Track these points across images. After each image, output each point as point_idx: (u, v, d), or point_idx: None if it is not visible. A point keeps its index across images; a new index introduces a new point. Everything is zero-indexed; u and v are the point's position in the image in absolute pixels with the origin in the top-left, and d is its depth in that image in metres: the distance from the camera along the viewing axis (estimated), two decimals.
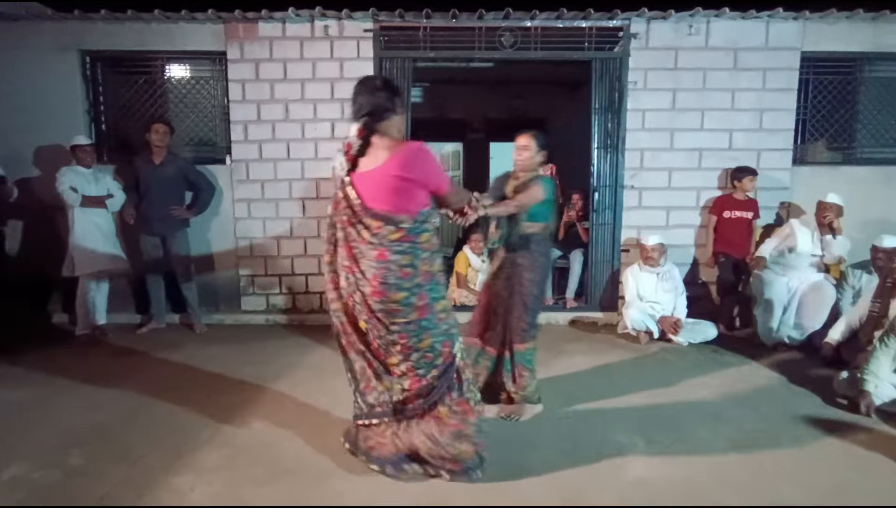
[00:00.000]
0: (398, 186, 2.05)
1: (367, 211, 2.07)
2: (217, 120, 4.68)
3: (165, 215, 4.25)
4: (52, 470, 2.34)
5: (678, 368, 3.64)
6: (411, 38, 4.46)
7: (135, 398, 3.08)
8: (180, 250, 4.35)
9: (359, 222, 2.08)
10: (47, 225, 4.51)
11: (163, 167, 4.25)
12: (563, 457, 2.44)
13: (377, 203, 2.06)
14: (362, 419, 2.30)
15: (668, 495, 2.18)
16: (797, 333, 4.02)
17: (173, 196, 4.30)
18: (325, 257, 2.24)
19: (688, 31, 4.46)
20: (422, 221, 2.11)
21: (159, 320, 4.42)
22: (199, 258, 4.62)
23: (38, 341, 4.08)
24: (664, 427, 2.74)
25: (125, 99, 4.66)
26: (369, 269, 2.09)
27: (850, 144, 4.73)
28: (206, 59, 4.61)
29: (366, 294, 2.11)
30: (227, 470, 2.35)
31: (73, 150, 4.11)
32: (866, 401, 2.86)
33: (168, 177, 4.26)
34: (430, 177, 2.11)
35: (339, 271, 2.19)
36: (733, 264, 4.43)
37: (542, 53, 4.48)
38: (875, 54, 4.55)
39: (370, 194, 2.07)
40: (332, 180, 2.21)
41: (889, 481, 2.30)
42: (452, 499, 2.14)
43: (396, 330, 2.13)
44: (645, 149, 4.59)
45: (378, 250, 2.07)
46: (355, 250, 2.12)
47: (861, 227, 4.39)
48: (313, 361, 3.72)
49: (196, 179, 4.42)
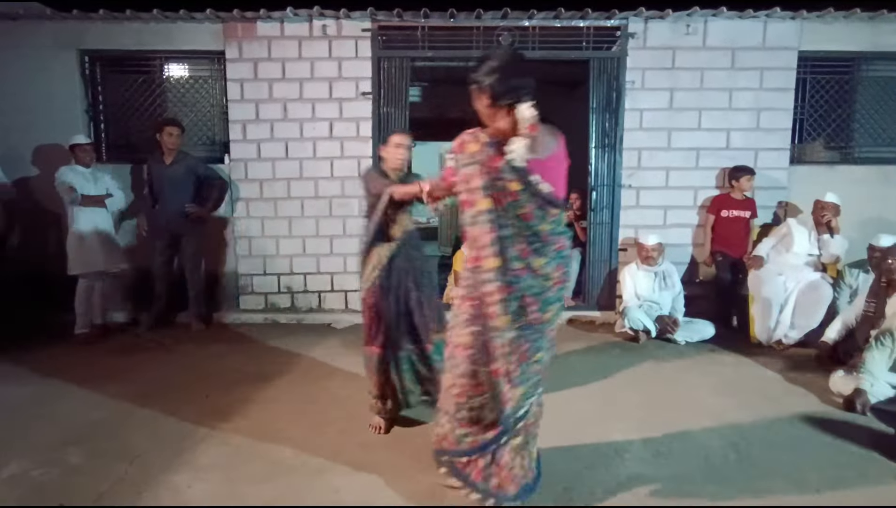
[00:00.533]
0: (564, 173, 1.91)
1: (555, 199, 1.85)
2: (216, 119, 4.69)
3: (179, 214, 4.28)
4: (50, 468, 2.36)
5: (675, 367, 3.65)
6: (409, 38, 4.47)
7: (133, 397, 3.09)
8: (194, 250, 4.37)
9: (544, 212, 1.83)
10: (47, 224, 4.53)
11: (174, 167, 4.28)
12: (559, 454, 2.45)
13: (559, 192, 1.88)
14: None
15: (663, 492, 2.19)
16: (794, 332, 4.03)
17: (186, 195, 4.32)
18: (493, 261, 1.82)
19: (685, 30, 4.47)
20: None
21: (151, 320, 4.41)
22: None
23: (38, 339, 4.09)
24: (660, 425, 2.75)
25: (124, 98, 4.67)
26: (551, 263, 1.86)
27: (848, 144, 4.74)
28: (205, 58, 4.63)
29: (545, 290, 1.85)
30: (224, 468, 2.36)
31: (72, 149, 4.12)
32: (862, 400, 2.87)
33: (179, 176, 4.29)
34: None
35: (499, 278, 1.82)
36: (731, 264, 4.44)
37: (539, 53, 4.49)
38: (872, 54, 4.56)
39: (553, 180, 1.85)
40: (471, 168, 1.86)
41: (883, 479, 2.31)
42: (446, 493, 2.15)
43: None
44: (642, 148, 4.60)
45: (559, 243, 1.89)
46: (534, 245, 1.84)
47: (858, 226, 4.40)
48: (311, 360, 3.73)
49: (208, 174, 4.44)
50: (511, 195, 1.82)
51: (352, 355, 3.82)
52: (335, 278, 4.77)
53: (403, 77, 4.50)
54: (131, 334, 4.31)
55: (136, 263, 4.49)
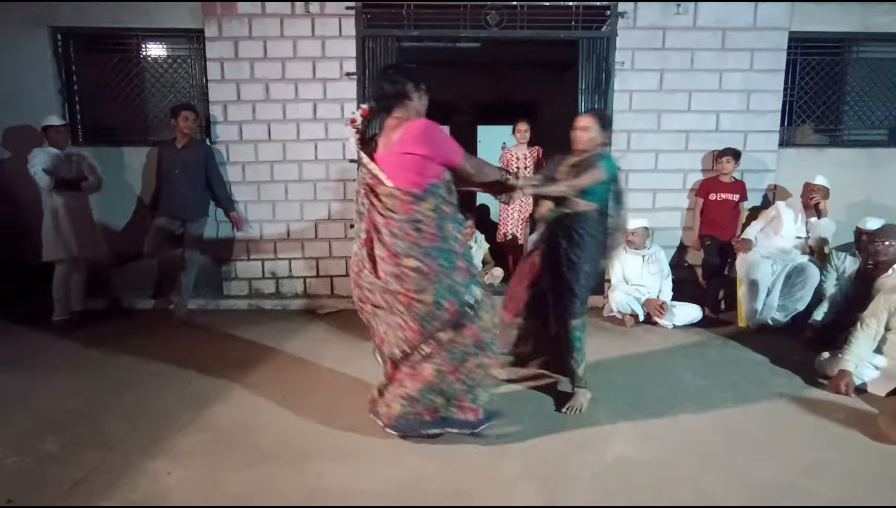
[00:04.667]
0: (405, 162, 2.23)
1: (385, 186, 2.25)
2: (195, 100, 4.56)
3: (189, 198, 4.17)
4: (25, 456, 2.29)
5: (662, 350, 3.64)
6: (395, 17, 4.36)
7: (112, 384, 3.02)
8: (198, 234, 4.26)
9: (375, 196, 2.28)
10: (21, 208, 4.39)
11: (187, 151, 4.17)
12: (545, 436, 2.44)
13: (395, 180, 2.24)
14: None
15: (648, 474, 2.18)
16: (781, 315, 4.04)
17: (197, 180, 4.21)
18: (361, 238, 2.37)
19: (675, 9, 4.40)
20: (432, 192, 2.26)
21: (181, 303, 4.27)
22: None
23: (15, 327, 3.99)
24: (646, 408, 2.74)
25: (100, 78, 4.52)
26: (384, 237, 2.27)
27: (837, 127, 4.73)
28: (183, 37, 4.49)
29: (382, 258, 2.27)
30: (204, 455, 2.31)
31: (46, 130, 3.97)
32: (846, 381, 2.88)
33: (191, 161, 4.18)
34: (439, 150, 2.27)
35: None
36: (719, 247, 4.43)
37: (528, 33, 4.40)
38: (863, 35, 4.54)
39: (390, 171, 2.26)
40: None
41: (864, 458, 2.32)
42: (431, 478, 2.13)
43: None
44: (632, 131, 4.55)
45: (386, 220, 2.26)
46: (375, 220, 2.30)
47: (845, 210, 4.41)
48: (295, 346, 3.67)
49: (213, 158, 4.32)
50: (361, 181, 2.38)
51: (337, 341, 3.77)
52: (320, 264, 4.70)
53: (389, 57, 4.39)
54: (111, 321, 4.21)
55: (118, 248, 4.38)
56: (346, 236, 4.63)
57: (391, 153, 2.28)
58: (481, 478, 2.15)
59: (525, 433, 2.47)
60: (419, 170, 2.24)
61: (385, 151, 2.31)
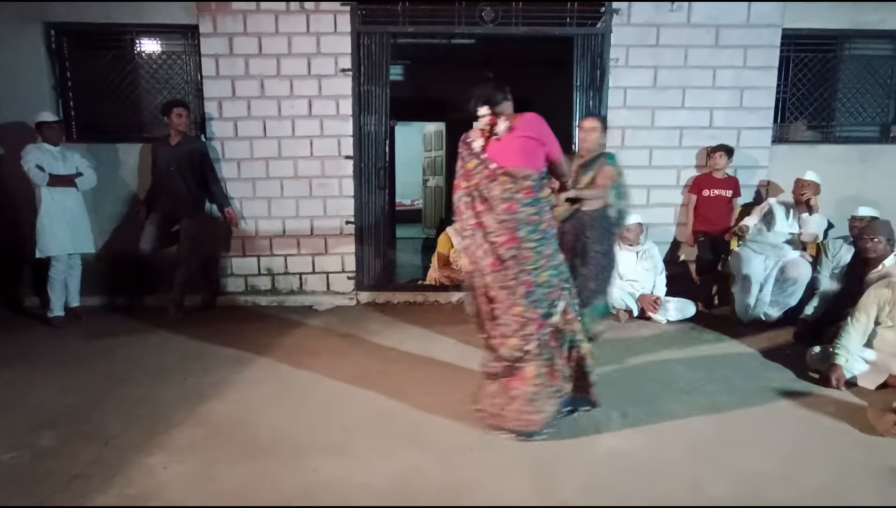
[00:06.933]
0: (527, 145, 2.41)
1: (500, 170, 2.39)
2: (190, 97, 4.55)
3: (184, 196, 4.16)
4: (22, 451, 2.30)
5: (656, 345, 3.67)
6: (390, 13, 4.35)
7: (109, 380, 3.03)
8: (193, 233, 4.25)
9: (493, 180, 2.40)
10: (16, 205, 4.38)
11: (180, 148, 4.15)
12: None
13: (514, 161, 2.39)
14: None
15: (640, 467, 2.21)
16: (774, 309, 4.08)
17: (192, 177, 4.20)
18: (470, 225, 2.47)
19: (669, 6, 4.41)
20: (543, 176, 2.47)
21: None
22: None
23: (11, 323, 3.99)
24: (639, 402, 2.77)
25: (94, 75, 4.50)
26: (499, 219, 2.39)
27: (829, 123, 4.76)
28: (178, 33, 4.47)
29: (497, 244, 2.38)
30: (201, 450, 2.32)
31: (39, 127, 3.96)
32: (837, 374, 2.92)
33: (186, 158, 4.17)
34: (548, 139, 2.47)
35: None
36: (712, 243, 4.46)
37: (523, 29, 4.41)
38: (855, 32, 4.56)
39: (503, 156, 2.40)
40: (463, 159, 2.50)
41: (852, 449, 2.36)
42: (426, 472, 2.15)
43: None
44: (626, 127, 4.56)
45: (507, 204, 2.38)
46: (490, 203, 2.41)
47: (835, 205, 4.44)
48: (291, 341, 3.69)
49: (207, 154, 4.31)
50: (473, 171, 2.46)
51: (333, 337, 3.79)
52: (316, 260, 4.71)
53: (384, 53, 4.40)
54: (106, 317, 4.21)
55: (114, 246, 4.37)
56: (342, 232, 4.64)
57: (513, 137, 2.41)
58: (476, 471, 2.17)
59: None
60: (536, 153, 2.43)
61: (497, 143, 2.43)
